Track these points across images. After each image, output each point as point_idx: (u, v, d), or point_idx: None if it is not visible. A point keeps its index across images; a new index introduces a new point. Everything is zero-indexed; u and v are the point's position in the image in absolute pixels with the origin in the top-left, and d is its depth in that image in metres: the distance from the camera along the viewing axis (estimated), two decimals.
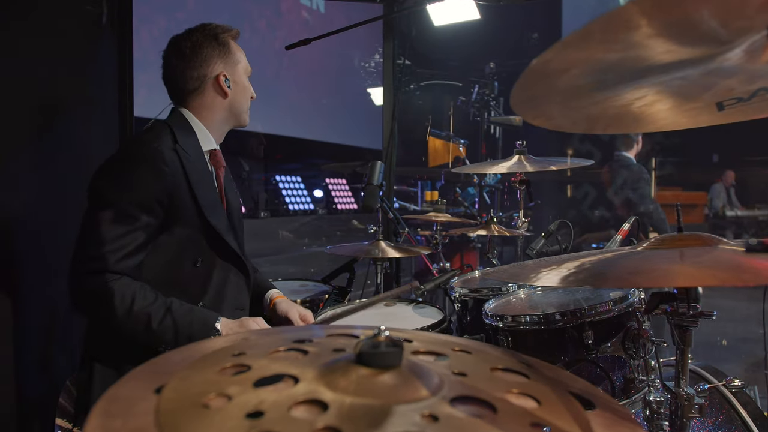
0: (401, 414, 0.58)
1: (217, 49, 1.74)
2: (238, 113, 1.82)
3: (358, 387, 0.62)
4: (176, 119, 1.74)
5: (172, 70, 1.75)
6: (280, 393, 0.61)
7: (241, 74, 1.80)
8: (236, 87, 1.79)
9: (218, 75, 1.74)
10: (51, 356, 2.16)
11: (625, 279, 0.95)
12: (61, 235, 2.25)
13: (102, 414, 0.60)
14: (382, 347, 0.65)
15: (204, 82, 1.74)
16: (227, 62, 1.76)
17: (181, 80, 1.74)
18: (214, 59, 1.74)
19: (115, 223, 1.51)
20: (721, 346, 3.71)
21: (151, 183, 1.55)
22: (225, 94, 1.76)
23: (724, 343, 3.60)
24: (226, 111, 1.80)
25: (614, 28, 0.76)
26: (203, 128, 1.77)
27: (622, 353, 1.43)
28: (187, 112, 1.76)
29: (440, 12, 2.82)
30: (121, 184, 1.55)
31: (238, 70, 1.79)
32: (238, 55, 1.80)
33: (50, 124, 2.26)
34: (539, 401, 0.66)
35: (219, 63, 1.74)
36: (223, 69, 1.75)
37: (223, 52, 1.75)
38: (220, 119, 1.80)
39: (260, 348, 0.76)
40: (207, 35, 1.74)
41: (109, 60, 2.67)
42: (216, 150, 1.82)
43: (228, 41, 1.77)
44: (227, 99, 1.77)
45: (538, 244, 2.02)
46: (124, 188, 1.54)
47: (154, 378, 0.68)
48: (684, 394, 1.16)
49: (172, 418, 0.57)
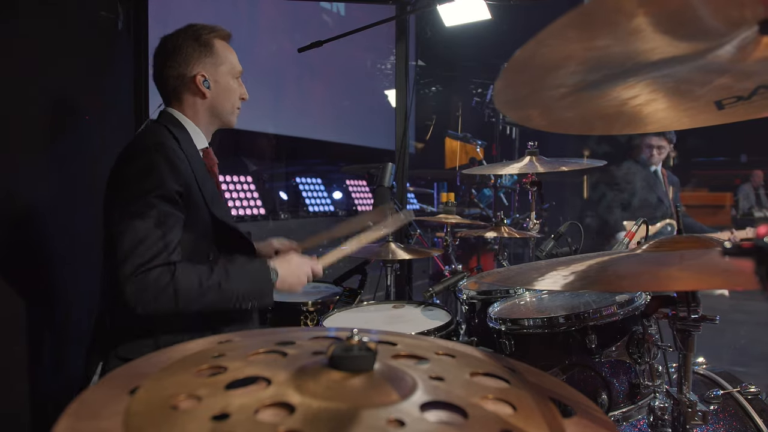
0: (367, 418, 0.57)
1: (198, 49, 1.75)
2: (220, 114, 1.83)
3: (327, 390, 0.61)
4: (169, 119, 1.77)
5: (157, 69, 1.79)
6: (250, 396, 0.61)
7: (224, 75, 1.79)
8: (217, 87, 1.78)
9: (195, 75, 1.74)
10: (65, 356, 2.20)
11: (612, 283, 0.93)
12: (76, 235, 2.30)
13: (72, 415, 0.61)
14: (355, 351, 0.65)
15: (183, 82, 1.75)
16: (207, 63, 1.76)
17: (164, 79, 1.78)
18: (194, 59, 1.74)
19: (157, 218, 1.54)
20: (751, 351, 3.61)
21: (172, 179, 1.59)
22: (203, 94, 1.77)
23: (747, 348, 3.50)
24: (208, 111, 1.81)
25: (604, 16, 0.74)
26: (194, 126, 1.80)
27: (626, 358, 1.40)
28: (176, 111, 1.78)
29: (451, 12, 2.81)
30: (150, 182, 1.56)
31: (221, 70, 1.79)
32: (224, 56, 1.80)
33: (68, 127, 2.31)
34: (515, 407, 0.65)
35: (198, 63, 1.75)
36: (201, 69, 1.75)
37: (204, 53, 1.76)
38: (204, 119, 1.81)
39: (241, 350, 0.76)
40: (189, 35, 1.76)
41: (124, 64, 2.71)
42: (208, 148, 1.85)
43: (211, 42, 1.77)
44: (206, 100, 1.78)
45: (547, 245, 1.99)
46: (154, 185, 1.56)
47: (132, 380, 0.69)
48: (686, 401, 1.13)
49: (139, 419, 0.58)
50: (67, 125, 2.31)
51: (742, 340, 3.79)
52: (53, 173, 2.20)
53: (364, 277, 2.56)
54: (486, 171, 3.33)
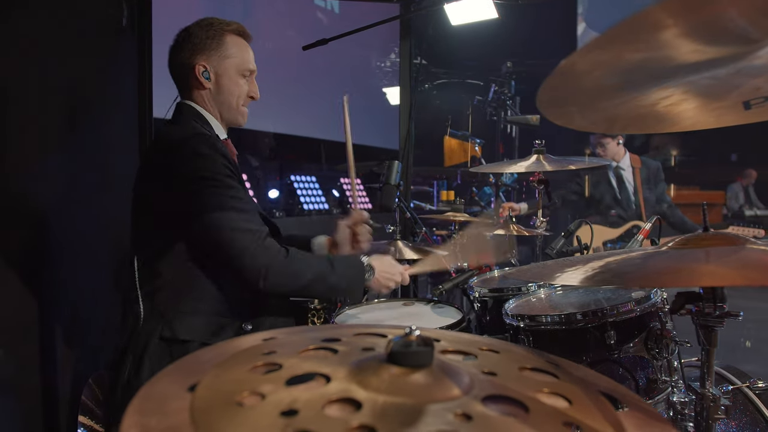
0: (434, 413, 0.58)
1: (206, 40, 1.73)
2: (222, 109, 1.79)
3: (391, 386, 0.62)
4: (189, 112, 1.76)
5: (169, 57, 1.79)
6: (313, 392, 0.62)
7: (229, 69, 1.76)
8: (219, 80, 1.75)
9: (195, 65, 1.72)
10: (73, 354, 2.19)
11: (653, 279, 0.94)
12: (84, 234, 2.29)
13: (137, 412, 0.61)
14: (414, 346, 0.65)
15: (186, 71, 1.74)
16: (212, 55, 1.74)
17: (172, 67, 1.79)
18: (199, 50, 1.73)
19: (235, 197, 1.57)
20: (743, 347, 3.66)
21: (223, 162, 1.60)
22: (202, 85, 1.74)
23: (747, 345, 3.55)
24: (214, 105, 1.78)
25: (641, 29, 0.76)
26: (212, 117, 1.79)
27: (644, 353, 1.42)
28: (192, 103, 1.77)
29: (458, 11, 2.81)
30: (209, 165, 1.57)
31: (226, 64, 1.75)
32: (233, 51, 1.76)
33: (72, 126, 2.29)
34: (570, 401, 0.66)
35: (202, 54, 1.73)
36: (204, 60, 1.73)
37: (211, 44, 1.73)
38: (215, 112, 1.79)
39: (290, 347, 0.77)
40: (202, 26, 1.75)
41: (129, 62, 2.70)
42: (227, 139, 1.84)
43: (221, 35, 1.75)
44: (206, 92, 1.76)
45: (558, 243, 2.01)
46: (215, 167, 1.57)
47: (186, 376, 0.69)
48: (710, 395, 1.14)
49: (207, 416, 0.58)
50: (71, 124, 2.29)
51: (739, 337, 3.85)
52: (60, 172, 2.19)
53: None
54: (495, 169, 3.35)
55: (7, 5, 1.96)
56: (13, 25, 1.99)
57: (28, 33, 2.05)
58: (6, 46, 1.96)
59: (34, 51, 2.08)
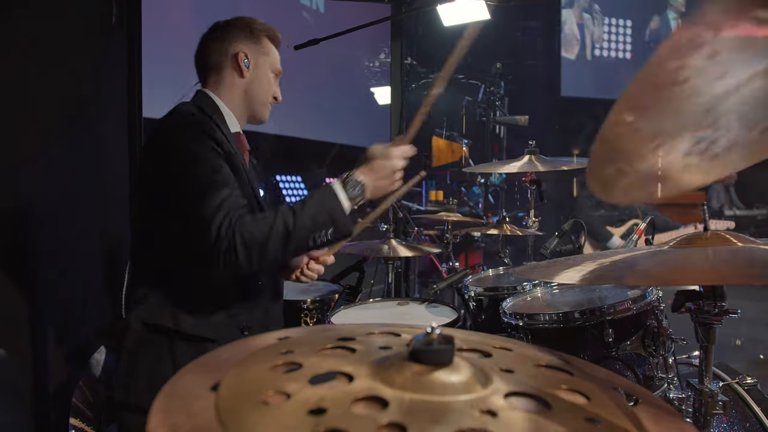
0: (460, 410, 0.59)
1: (247, 34, 1.77)
2: (254, 102, 1.79)
3: (415, 383, 0.63)
4: (203, 100, 1.75)
5: (201, 46, 1.79)
6: (338, 390, 0.62)
7: (265, 65, 1.79)
8: (256, 71, 1.77)
9: (238, 52, 1.74)
10: (64, 354, 2.16)
11: (656, 277, 0.96)
12: (75, 232, 2.26)
13: (162, 411, 0.61)
14: (435, 344, 0.66)
15: (224, 57, 1.75)
16: (252, 47, 1.77)
17: (206, 54, 1.77)
18: (240, 39, 1.75)
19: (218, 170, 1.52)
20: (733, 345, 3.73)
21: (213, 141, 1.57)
22: (242, 73, 1.75)
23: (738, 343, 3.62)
24: (244, 95, 1.78)
25: None
26: (228, 110, 1.77)
27: (641, 351, 1.45)
28: (211, 92, 1.76)
29: (450, 12, 2.83)
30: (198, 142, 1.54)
31: (263, 60, 1.79)
32: (269, 49, 1.81)
33: (63, 124, 2.26)
34: (588, 397, 0.67)
35: (243, 44, 1.75)
36: (245, 49, 1.75)
37: (252, 38, 1.77)
38: (239, 102, 1.78)
39: (307, 346, 0.77)
40: (242, 22, 1.79)
41: (118, 60, 2.67)
42: (240, 133, 1.82)
43: (261, 35, 1.79)
44: (244, 80, 1.76)
45: (552, 243, 2.03)
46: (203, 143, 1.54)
47: (206, 375, 0.69)
48: (708, 391, 1.17)
49: (234, 415, 0.58)
50: (62, 124, 2.27)
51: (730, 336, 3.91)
52: (49, 170, 2.16)
53: (362, 274, 2.57)
54: (488, 169, 3.38)
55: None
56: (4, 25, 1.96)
57: (18, 32, 2.03)
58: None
59: (24, 50, 2.06)
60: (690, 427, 0.67)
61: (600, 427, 0.61)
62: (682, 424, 0.68)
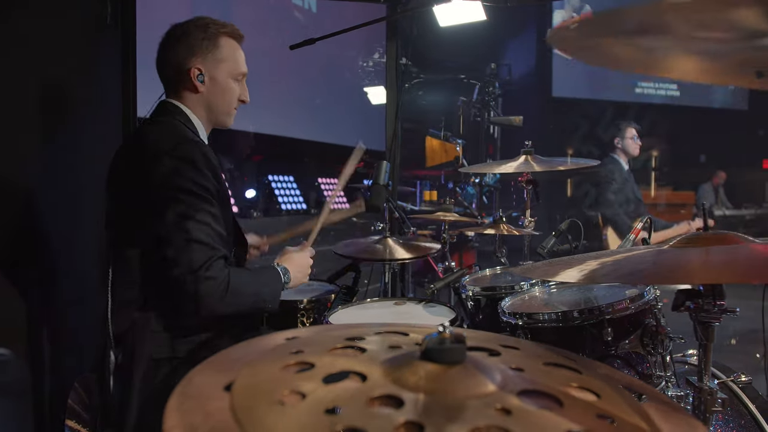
0: (475, 408, 0.60)
1: (202, 42, 1.70)
2: (215, 113, 1.77)
3: (429, 383, 0.63)
4: (176, 111, 1.71)
5: (159, 54, 1.75)
6: (353, 390, 0.63)
7: (222, 73, 1.73)
8: (212, 84, 1.72)
9: (191, 68, 1.69)
10: (60, 357, 2.15)
11: (659, 276, 0.97)
12: (69, 236, 2.25)
13: (178, 411, 0.61)
14: (447, 344, 0.67)
15: (179, 73, 1.70)
16: (207, 57, 1.70)
17: (162, 66, 1.74)
18: (194, 51, 1.69)
19: (208, 212, 1.53)
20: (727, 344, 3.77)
21: (209, 173, 1.57)
22: (196, 89, 1.71)
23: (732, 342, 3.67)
24: (203, 107, 1.75)
25: None
26: (197, 120, 1.75)
27: (640, 349, 1.46)
28: (179, 103, 1.73)
29: (446, 13, 2.84)
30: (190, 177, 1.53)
31: (221, 68, 1.73)
32: (227, 54, 1.74)
33: (56, 124, 2.25)
34: (598, 395, 0.68)
35: (197, 57, 1.69)
36: (199, 63, 1.70)
37: (207, 47, 1.70)
38: (201, 114, 1.76)
39: (316, 346, 0.77)
40: (198, 26, 1.71)
41: (112, 60, 2.65)
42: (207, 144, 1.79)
43: (216, 37, 1.72)
44: (199, 95, 1.72)
45: (549, 242, 2.05)
46: (195, 179, 1.53)
47: (218, 376, 0.69)
48: (707, 389, 1.19)
49: (251, 415, 0.58)
50: (57, 123, 2.25)
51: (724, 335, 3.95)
52: (43, 173, 2.15)
53: (358, 274, 2.58)
54: (484, 169, 3.39)
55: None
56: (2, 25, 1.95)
57: (12, 31, 2.01)
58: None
59: (19, 50, 2.04)
60: (698, 422, 0.68)
61: (612, 424, 0.61)
62: (690, 420, 0.69)
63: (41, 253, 2.10)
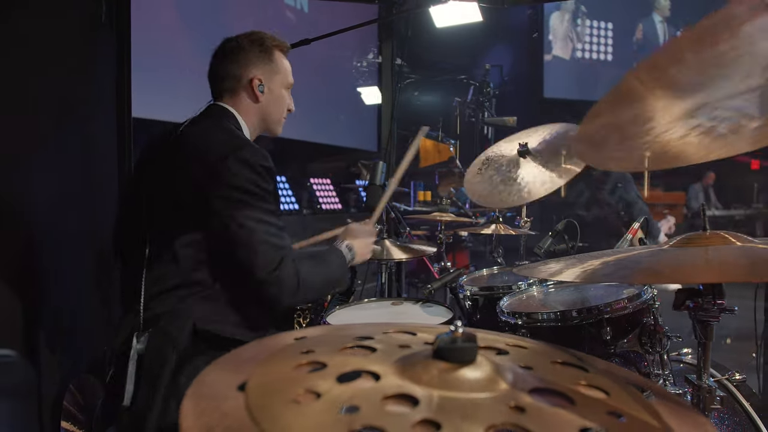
0: (489, 406, 0.60)
1: (259, 54, 1.77)
2: (268, 121, 1.84)
3: (442, 381, 0.64)
4: (228, 116, 1.75)
5: (214, 67, 1.79)
6: (367, 388, 0.63)
7: (277, 84, 1.81)
8: (270, 95, 1.80)
9: (253, 78, 1.75)
10: (56, 357, 2.13)
11: (661, 275, 0.99)
12: (66, 237, 2.23)
13: (194, 412, 0.61)
14: (459, 342, 0.67)
15: (239, 83, 1.75)
16: (265, 69, 1.78)
17: (219, 78, 1.77)
18: (253, 62, 1.76)
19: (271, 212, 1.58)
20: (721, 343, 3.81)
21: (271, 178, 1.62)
22: (256, 98, 1.77)
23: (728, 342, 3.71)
24: (258, 117, 1.81)
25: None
26: (245, 126, 1.79)
27: (638, 348, 1.48)
28: (231, 108, 1.77)
29: (442, 14, 2.85)
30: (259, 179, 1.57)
31: (276, 79, 1.81)
32: (280, 65, 1.82)
33: (53, 124, 2.24)
34: (607, 392, 0.69)
35: (257, 67, 1.76)
36: (259, 73, 1.76)
37: (264, 59, 1.77)
38: (254, 121, 1.81)
39: (326, 346, 0.78)
40: (253, 40, 1.77)
41: (107, 59, 2.64)
42: None
43: (272, 50, 1.80)
44: (258, 104, 1.79)
45: (545, 242, 2.06)
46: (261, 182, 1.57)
47: (231, 376, 0.69)
48: (706, 387, 1.20)
49: (268, 414, 0.59)
50: (52, 123, 2.24)
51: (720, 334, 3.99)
52: (39, 173, 2.13)
53: (354, 274, 2.58)
54: None
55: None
56: None
57: (6, 31, 2.00)
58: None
59: (14, 49, 2.03)
60: (705, 419, 0.69)
61: (623, 421, 0.62)
62: (698, 417, 0.70)
63: (35, 253, 2.09)
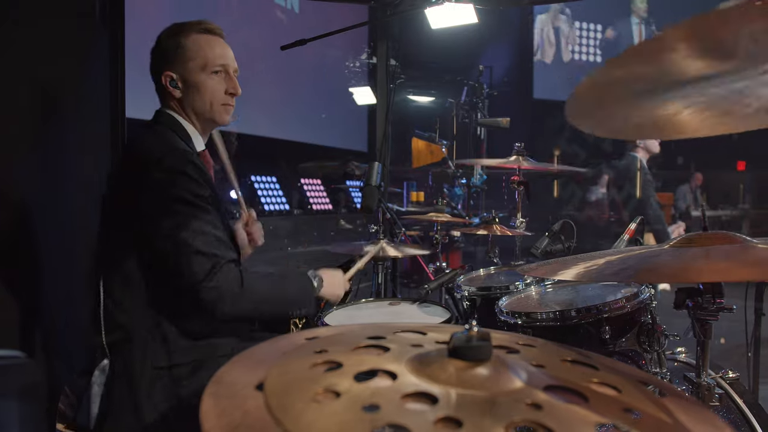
0: (506, 404, 0.61)
1: (168, 48, 1.68)
2: (199, 113, 1.72)
3: (459, 379, 0.64)
4: (169, 121, 1.70)
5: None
6: (386, 387, 0.64)
7: (192, 72, 1.68)
8: (186, 86, 1.69)
9: (162, 76, 1.68)
10: (51, 360, 2.12)
11: (663, 275, 1.00)
12: (59, 236, 2.21)
13: (215, 411, 0.61)
14: (474, 341, 0.68)
15: (159, 85, 1.70)
16: (176, 60, 1.67)
17: (151, 75, 1.73)
18: (163, 58, 1.68)
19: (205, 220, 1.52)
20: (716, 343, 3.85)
21: (203, 182, 1.56)
22: (172, 95, 1.69)
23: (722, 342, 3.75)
24: (190, 112, 1.72)
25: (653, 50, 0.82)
26: (192, 128, 1.73)
27: (636, 347, 1.50)
28: (172, 112, 1.71)
29: (437, 15, 2.86)
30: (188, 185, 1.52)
31: (189, 67, 1.67)
32: (194, 51, 1.67)
33: (46, 124, 2.22)
34: (619, 389, 0.70)
35: (166, 63, 1.68)
36: (169, 69, 1.67)
37: (173, 51, 1.67)
38: (194, 119, 1.74)
39: (340, 345, 0.78)
40: (166, 33, 1.70)
41: (101, 58, 2.62)
42: (204, 151, 1.79)
43: (180, 38, 1.68)
44: (180, 100, 1.70)
45: (542, 243, 2.08)
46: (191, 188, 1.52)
47: (247, 376, 0.70)
48: (705, 384, 1.22)
49: (291, 414, 0.59)
50: (44, 123, 2.22)
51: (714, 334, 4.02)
52: (33, 173, 2.12)
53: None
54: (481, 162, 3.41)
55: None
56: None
57: (3, 30, 1.98)
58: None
59: (6, 47, 2.01)
60: (715, 416, 0.70)
61: (638, 418, 0.63)
62: (708, 413, 0.71)
63: (30, 254, 2.07)
